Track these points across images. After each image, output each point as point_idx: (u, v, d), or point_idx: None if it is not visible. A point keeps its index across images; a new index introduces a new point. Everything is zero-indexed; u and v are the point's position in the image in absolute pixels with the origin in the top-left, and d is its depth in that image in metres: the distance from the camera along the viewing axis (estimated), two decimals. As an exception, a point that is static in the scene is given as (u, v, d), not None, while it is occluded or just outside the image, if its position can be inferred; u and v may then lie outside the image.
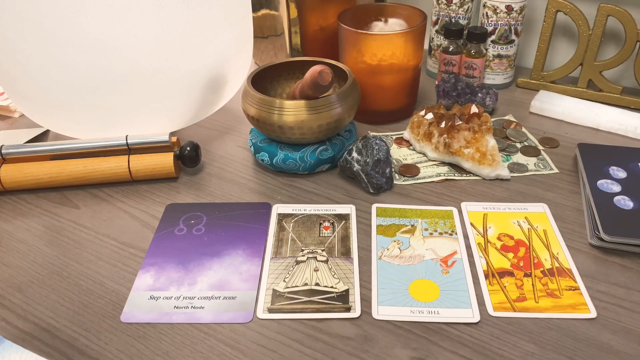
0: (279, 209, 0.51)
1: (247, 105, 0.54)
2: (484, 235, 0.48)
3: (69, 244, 0.48)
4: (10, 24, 0.49)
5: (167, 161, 0.55)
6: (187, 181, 0.56)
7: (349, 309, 0.41)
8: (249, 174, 0.57)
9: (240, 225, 0.50)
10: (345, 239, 0.48)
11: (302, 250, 0.47)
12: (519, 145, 0.60)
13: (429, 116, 0.58)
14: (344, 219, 0.50)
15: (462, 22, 0.72)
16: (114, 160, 0.55)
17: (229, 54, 0.59)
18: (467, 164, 0.55)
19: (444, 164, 0.57)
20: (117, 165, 0.54)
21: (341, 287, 0.43)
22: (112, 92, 0.53)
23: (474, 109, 0.57)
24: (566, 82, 0.71)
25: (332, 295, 0.42)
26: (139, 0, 0.49)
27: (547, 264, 0.45)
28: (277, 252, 0.46)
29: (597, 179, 0.52)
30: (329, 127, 0.53)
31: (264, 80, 0.60)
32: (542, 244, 0.47)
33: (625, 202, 0.48)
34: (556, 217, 0.50)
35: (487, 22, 0.70)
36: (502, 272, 0.44)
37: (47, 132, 0.65)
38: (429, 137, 0.57)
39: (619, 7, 0.63)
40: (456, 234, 0.48)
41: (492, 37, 0.70)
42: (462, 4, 0.71)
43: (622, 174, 0.52)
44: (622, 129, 0.62)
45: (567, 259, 0.45)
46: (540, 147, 0.60)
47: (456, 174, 0.56)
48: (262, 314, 0.41)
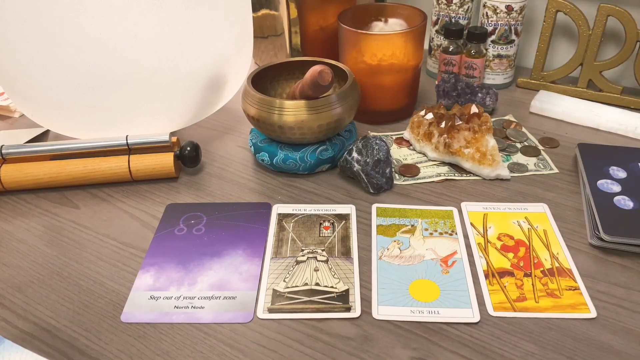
0: (279, 209, 0.51)
1: (247, 105, 0.54)
2: (484, 235, 0.48)
3: (69, 244, 0.48)
4: (10, 24, 0.49)
5: (167, 161, 0.55)
6: (187, 181, 0.56)
7: (349, 309, 0.41)
8: (249, 174, 0.57)
9: (240, 225, 0.50)
10: (345, 239, 0.48)
11: (302, 250, 0.47)
12: (519, 145, 0.60)
13: (429, 116, 0.58)
14: (344, 219, 0.50)
15: (462, 22, 0.72)
16: (114, 160, 0.55)
17: (229, 54, 0.59)
18: (467, 164, 0.55)
19: (444, 164, 0.57)
20: (117, 165, 0.54)
21: (341, 287, 0.43)
22: (112, 92, 0.53)
23: (474, 109, 0.57)
24: (566, 82, 0.71)
25: (332, 295, 0.42)
26: (139, 0, 0.49)
27: (547, 264, 0.45)
28: (277, 252, 0.46)
29: (597, 179, 0.52)
30: (329, 127, 0.53)
31: (264, 80, 0.60)
32: (542, 244, 0.47)
33: (625, 202, 0.48)
34: (556, 217, 0.50)
35: (487, 22, 0.70)
36: (502, 272, 0.44)
37: (47, 132, 0.65)
38: (429, 137, 0.57)
39: (619, 7, 0.63)
40: (456, 234, 0.48)
41: (492, 37, 0.70)
42: (462, 4, 0.71)
43: (622, 174, 0.52)
44: (622, 129, 0.62)
45: (567, 259, 0.45)
46: (540, 147, 0.60)
47: (456, 174, 0.56)
48: (262, 314, 0.41)
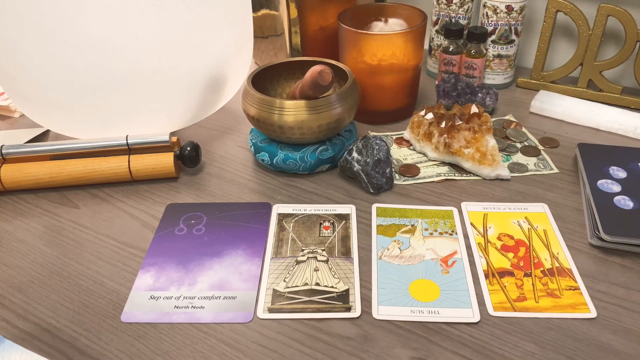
0: (279, 209, 0.51)
1: (247, 105, 0.54)
2: (484, 235, 0.48)
3: (69, 244, 0.48)
4: (10, 24, 0.49)
5: (167, 161, 0.55)
6: (187, 181, 0.56)
7: (349, 309, 0.41)
8: (249, 174, 0.57)
9: (240, 225, 0.50)
10: (345, 239, 0.48)
11: (302, 250, 0.47)
12: (519, 145, 0.60)
13: (429, 116, 0.58)
14: (344, 219, 0.50)
15: (462, 22, 0.72)
16: (114, 160, 0.55)
17: (229, 54, 0.59)
18: (467, 164, 0.55)
19: (444, 164, 0.57)
20: (117, 165, 0.54)
21: (341, 287, 0.43)
22: (112, 92, 0.53)
23: (474, 109, 0.57)
24: (566, 82, 0.71)
25: (332, 295, 0.42)
26: (139, 0, 0.49)
27: (547, 264, 0.45)
28: (277, 252, 0.46)
29: (597, 179, 0.52)
30: (329, 127, 0.53)
31: (264, 80, 0.60)
32: (542, 244, 0.47)
33: (625, 202, 0.48)
34: (556, 217, 0.50)
35: (487, 22, 0.70)
36: (502, 272, 0.44)
37: (47, 132, 0.65)
38: (429, 137, 0.57)
39: (619, 7, 0.63)
40: (456, 233, 0.48)
41: (492, 37, 0.70)
42: (462, 4, 0.71)
43: (622, 174, 0.52)
44: (622, 129, 0.62)
45: (567, 259, 0.45)
46: (540, 147, 0.60)
47: (456, 174, 0.56)
48: (262, 313, 0.41)
